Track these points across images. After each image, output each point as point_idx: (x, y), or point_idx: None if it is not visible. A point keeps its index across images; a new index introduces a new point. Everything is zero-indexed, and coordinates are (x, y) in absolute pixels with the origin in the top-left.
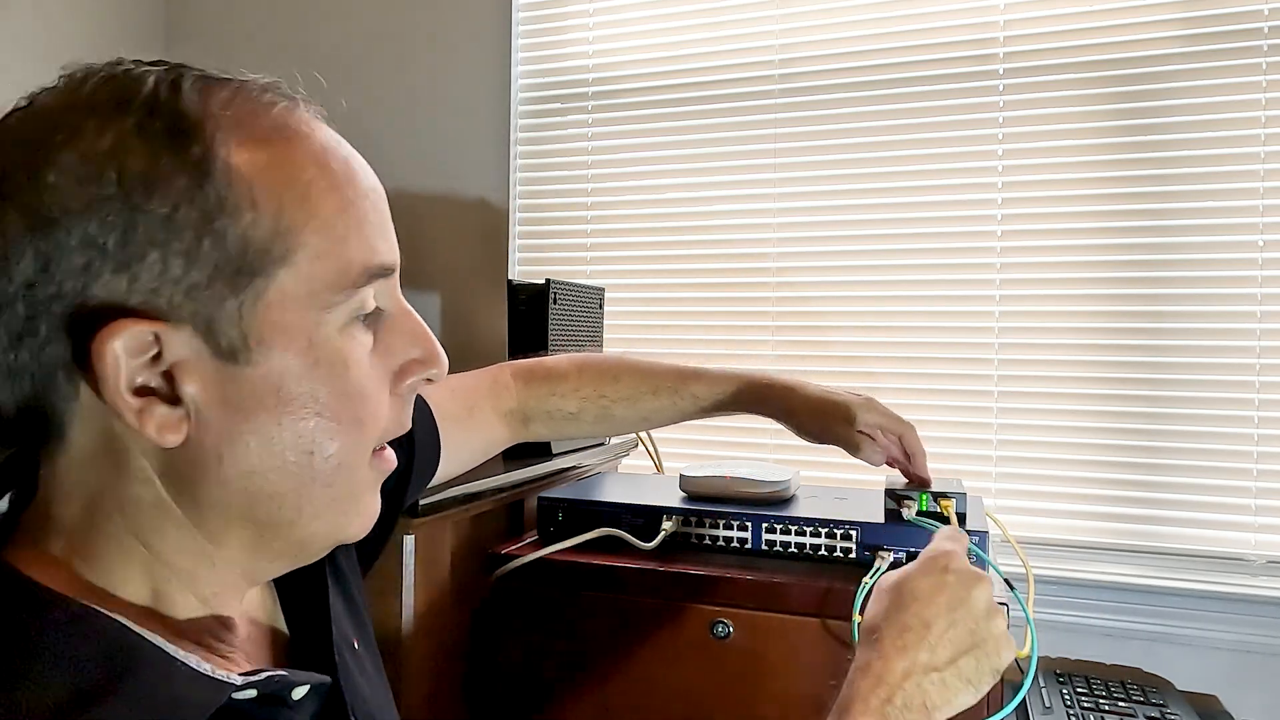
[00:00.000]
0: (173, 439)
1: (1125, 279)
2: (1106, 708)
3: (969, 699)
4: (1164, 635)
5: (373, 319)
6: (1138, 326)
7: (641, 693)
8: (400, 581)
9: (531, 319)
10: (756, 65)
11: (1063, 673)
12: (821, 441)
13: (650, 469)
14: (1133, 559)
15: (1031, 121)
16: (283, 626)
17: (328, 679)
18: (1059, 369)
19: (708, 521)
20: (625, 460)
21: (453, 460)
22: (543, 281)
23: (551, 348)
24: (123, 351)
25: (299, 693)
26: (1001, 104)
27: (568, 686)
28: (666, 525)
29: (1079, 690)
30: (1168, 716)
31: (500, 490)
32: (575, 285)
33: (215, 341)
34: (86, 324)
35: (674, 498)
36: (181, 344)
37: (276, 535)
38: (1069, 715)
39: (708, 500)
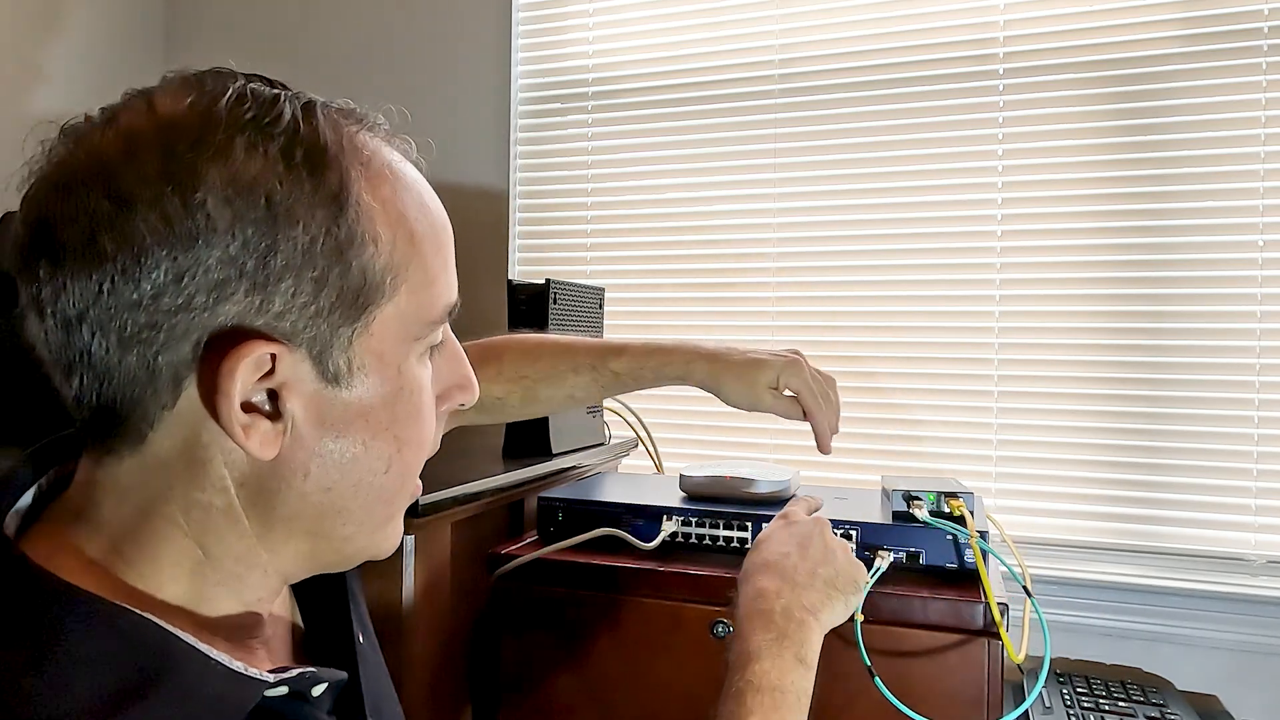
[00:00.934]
0: (270, 453)
1: (1125, 279)
2: (1107, 708)
3: (842, 606)
4: (1164, 635)
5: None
6: (1138, 326)
7: (641, 693)
8: (400, 581)
9: (531, 319)
10: (756, 65)
11: (1063, 673)
12: (754, 410)
13: (650, 469)
14: (1133, 559)
15: (1031, 121)
16: (299, 620)
17: (344, 675)
18: (1059, 369)
19: (708, 521)
20: (625, 460)
21: None
22: (543, 281)
23: None
24: (246, 370)
25: (319, 689)
26: (1001, 104)
27: (568, 686)
28: (666, 525)
29: (1079, 690)
30: (1168, 716)
31: (500, 490)
32: (575, 285)
33: (324, 365)
34: (214, 340)
35: (674, 498)
36: (294, 365)
37: (330, 548)
38: (1069, 715)
39: (708, 500)
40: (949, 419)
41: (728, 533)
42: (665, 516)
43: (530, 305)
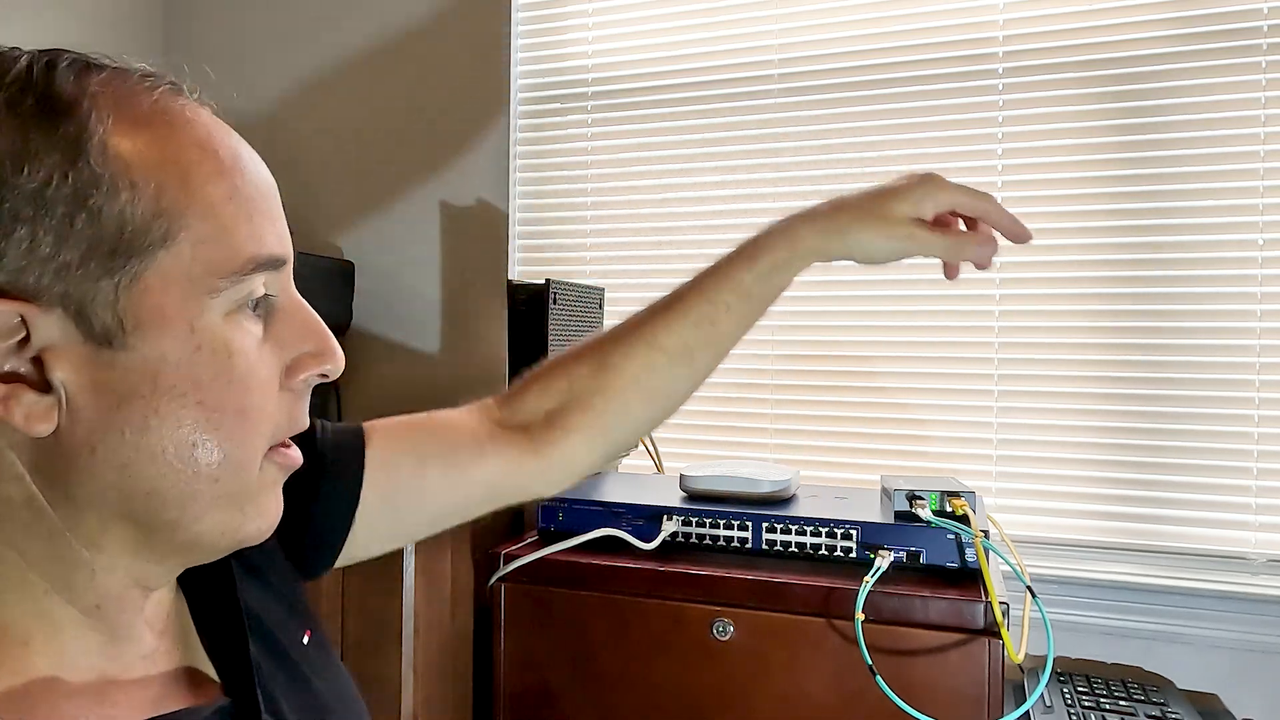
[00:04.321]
0: (41, 428)
1: (1125, 278)
2: (1107, 706)
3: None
4: (1164, 634)
5: (264, 311)
6: (1138, 326)
7: (642, 692)
8: (400, 581)
9: (531, 319)
10: (756, 65)
11: (1063, 672)
12: (904, 256)
13: (650, 469)
14: (1133, 558)
15: (1031, 121)
16: (194, 631)
17: (219, 708)
18: (1059, 369)
19: (708, 521)
20: (625, 460)
21: (445, 500)
22: (543, 281)
23: (551, 348)
24: None
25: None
26: (1001, 103)
27: (568, 686)
28: (666, 525)
29: (1080, 689)
30: (1168, 715)
31: None
32: (575, 285)
33: (88, 325)
34: None
35: (674, 498)
36: (51, 327)
37: (160, 536)
38: (1070, 714)
39: (708, 500)
40: (949, 419)
41: (728, 533)
42: (665, 516)
43: (530, 305)
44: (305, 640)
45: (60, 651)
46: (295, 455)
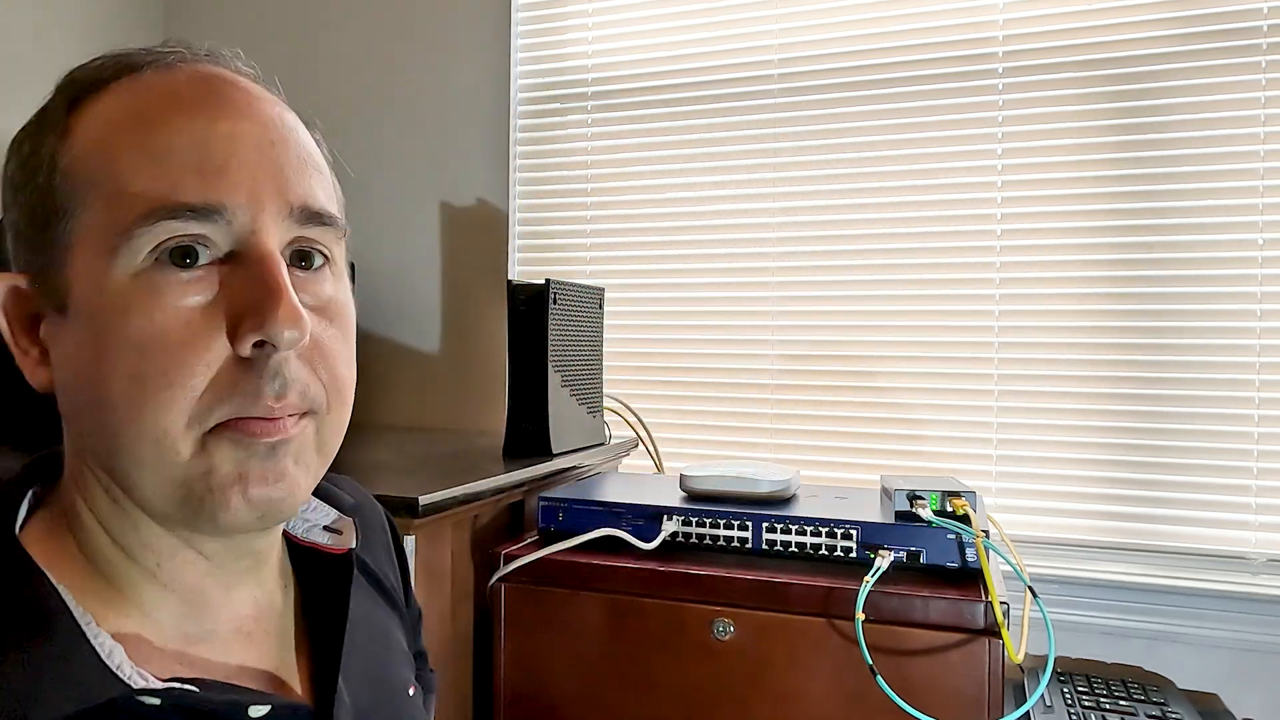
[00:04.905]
0: (36, 382)
1: (1125, 278)
2: (1107, 706)
3: None
4: (1164, 634)
5: (215, 266)
6: (1138, 325)
7: (642, 692)
8: None
9: (531, 319)
10: (756, 65)
11: (1063, 671)
12: None
13: (650, 469)
14: (1133, 558)
15: (1031, 120)
16: (295, 646)
17: (288, 702)
18: (1059, 368)
19: (708, 521)
20: (625, 460)
21: None
22: (542, 281)
23: (551, 348)
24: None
25: (257, 711)
26: (1001, 103)
27: (568, 686)
28: (666, 525)
29: (1080, 689)
30: (1168, 715)
31: (501, 490)
32: (575, 285)
33: (49, 293)
34: None
35: (674, 498)
36: (34, 296)
37: (139, 505)
38: (1070, 714)
39: (708, 500)
40: (949, 419)
41: (728, 533)
42: (665, 516)
43: (530, 305)
44: (411, 693)
45: (142, 611)
46: (260, 428)
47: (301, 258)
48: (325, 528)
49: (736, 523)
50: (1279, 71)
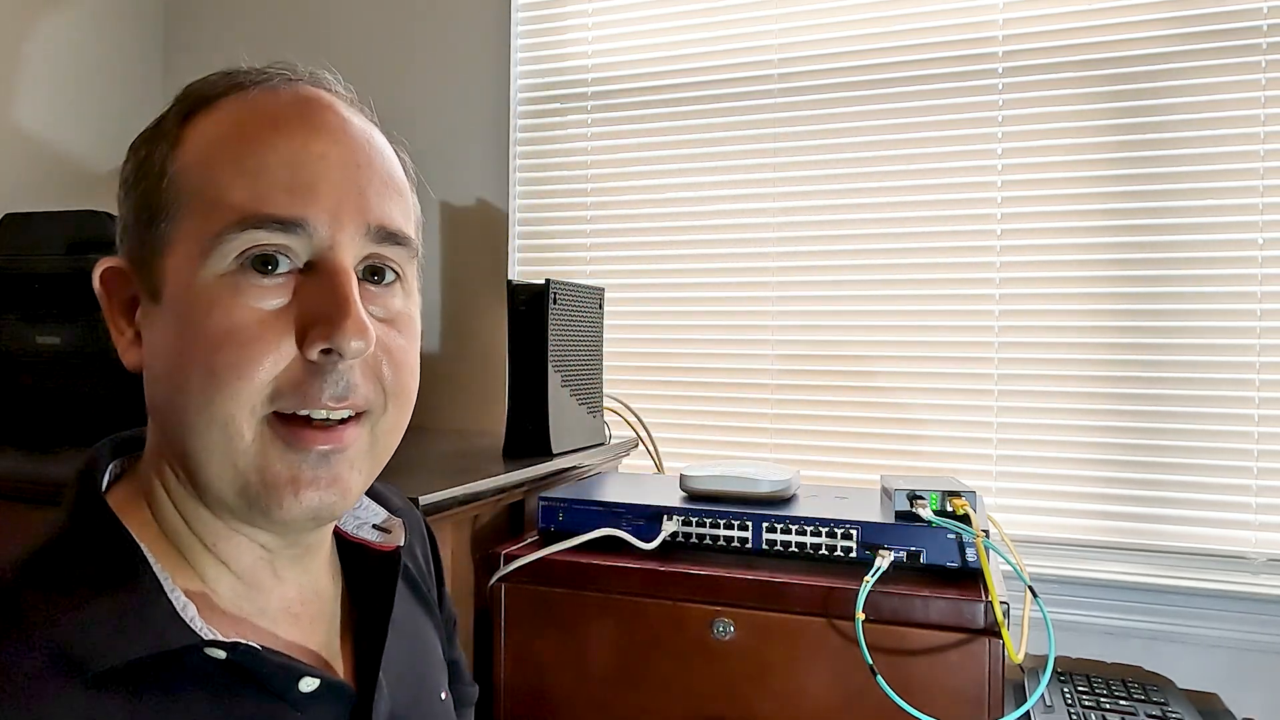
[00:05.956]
0: (128, 360)
1: (1125, 278)
2: (1107, 706)
3: None
4: (1164, 633)
5: (294, 275)
6: (1138, 326)
7: (642, 693)
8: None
9: (531, 319)
10: (755, 65)
11: (1063, 671)
12: None
13: (650, 469)
14: (1133, 557)
15: (1031, 120)
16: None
17: (338, 681)
18: (1059, 368)
19: (708, 521)
20: (625, 460)
21: None
22: (542, 282)
23: (551, 348)
24: (102, 285)
25: (308, 685)
26: (1001, 103)
27: (568, 686)
28: (667, 525)
29: (1080, 689)
30: (1169, 715)
31: (500, 490)
32: (575, 285)
33: (147, 281)
34: None
35: (674, 498)
36: (135, 282)
37: (198, 488)
38: (1070, 713)
39: (708, 500)
40: (949, 419)
41: (728, 532)
42: (665, 516)
43: (530, 305)
44: (443, 697)
45: (204, 581)
46: (314, 438)
47: (374, 273)
48: (375, 526)
49: (736, 523)
50: (1279, 71)
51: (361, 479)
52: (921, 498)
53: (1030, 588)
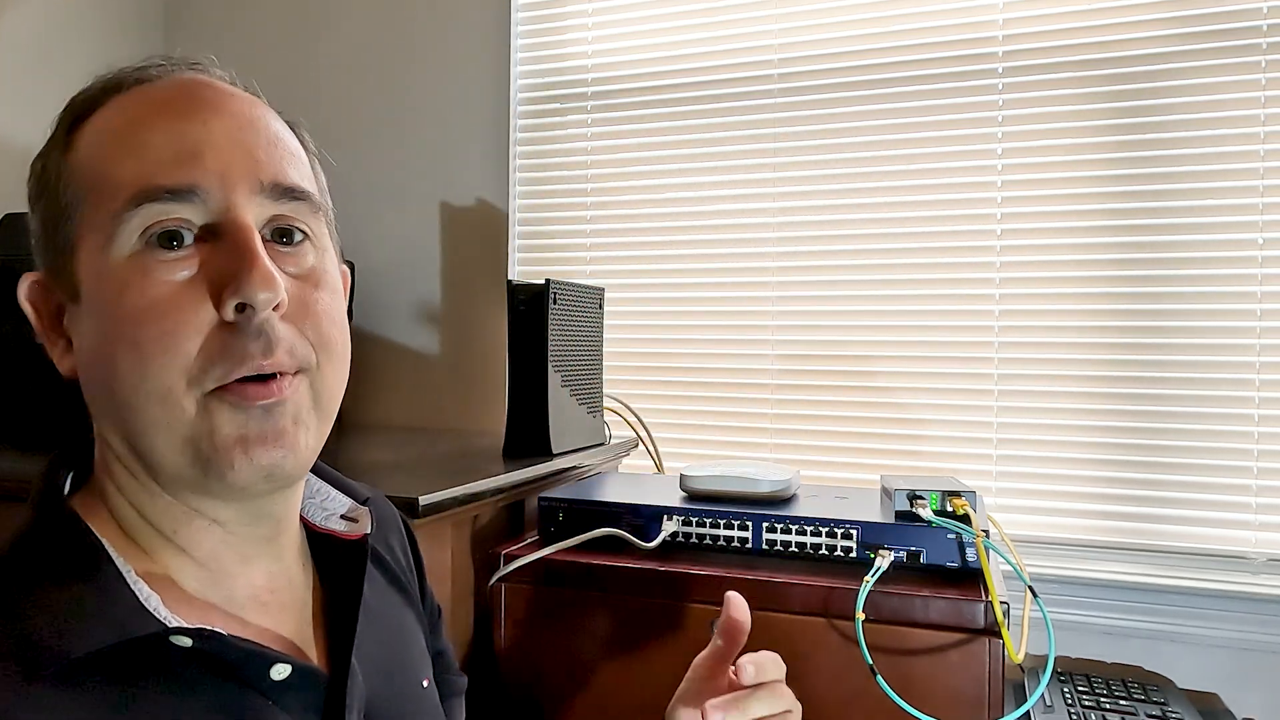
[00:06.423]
0: (63, 368)
1: (1125, 278)
2: (1107, 706)
3: None
4: (1164, 633)
5: (198, 244)
6: (1138, 325)
7: (642, 693)
8: None
9: (531, 319)
10: (755, 65)
11: (1064, 671)
12: None
13: (650, 469)
14: (1133, 557)
15: (1031, 120)
16: (313, 622)
17: (309, 666)
18: (1059, 368)
19: (708, 521)
20: (625, 460)
21: None
22: (542, 282)
23: (551, 348)
24: (27, 299)
25: (280, 673)
26: (1001, 103)
27: (568, 686)
28: (667, 525)
29: (1080, 689)
30: (1169, 714)
31: (500, 490)
32: (575, 285)
33: (64, 285)
34: None
35: (674, 498)
36: (55, 290)
37: (144, 466)
38: (1070, 713)
39: (708, 500)
40: (949, 419)
41: (728, 532)
42: (665, 516)
43: (530, 305)
44: (425, 684)
45: (168, 574)
46: (255, 392)
47: (282, 235)
48: (343, 516)
49: (736, 523)
50: (1279, 71)
51: (309, 436)
52: (921, 498)
53: (1030, 588)
